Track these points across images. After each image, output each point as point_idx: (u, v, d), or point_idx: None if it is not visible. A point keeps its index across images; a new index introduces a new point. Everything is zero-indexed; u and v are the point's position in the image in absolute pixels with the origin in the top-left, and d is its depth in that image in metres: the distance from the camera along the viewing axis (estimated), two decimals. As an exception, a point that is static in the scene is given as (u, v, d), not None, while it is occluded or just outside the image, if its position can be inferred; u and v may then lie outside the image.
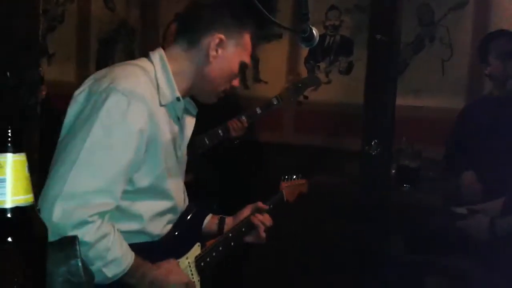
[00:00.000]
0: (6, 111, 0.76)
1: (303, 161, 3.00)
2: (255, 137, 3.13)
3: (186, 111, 1.65)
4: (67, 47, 4.28)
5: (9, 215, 0.70)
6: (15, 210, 0.70)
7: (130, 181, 1.41)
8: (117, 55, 4.71)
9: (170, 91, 1.51)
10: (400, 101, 3.05)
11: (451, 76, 3.70)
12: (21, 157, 0.72)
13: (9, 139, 0.70)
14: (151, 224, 1.49)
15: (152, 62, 1.53)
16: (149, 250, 1.48)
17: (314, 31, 1.48)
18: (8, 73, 0.76)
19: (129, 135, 1.37)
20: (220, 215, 1.86)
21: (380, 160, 2.62)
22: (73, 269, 0.85)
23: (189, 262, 1.61)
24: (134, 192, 1.43)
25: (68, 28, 4.29)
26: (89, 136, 1.32)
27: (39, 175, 1.11)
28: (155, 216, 1.50)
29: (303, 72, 4.21)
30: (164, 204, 1.52)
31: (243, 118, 2.75)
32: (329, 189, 2.79)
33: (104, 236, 1.30)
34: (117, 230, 1.38)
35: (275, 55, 4.23)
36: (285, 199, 2.09)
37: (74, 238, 0.89)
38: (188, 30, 1.57)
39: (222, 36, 1.53)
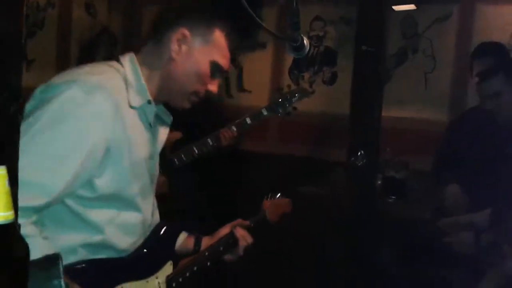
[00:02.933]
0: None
1: (287, 172, 2.97)
2: (240, 147, 3.09)
3: (159, 120, 1.57)
4: (47, 53, 4.19)
5: (-14, 235, 0.64)
6: (-7, 229, 0.64)
7: (91, 186, 1.32)
8: (98, 61, 4.63)
9: (141, 93, 1.43)
10: (382, 112, 3.05)
11: (434, 88, 3.72)
12: (0, 171, 0.66)
13: (-12, 151, 0.65)
14: (113, 236, 1.40)
15: (122, 64, 1.46)
16: (116, 267, 1.41)
17: (305, 41, 1.45)
18: (-13, 79, 0.70)
19: (79, 133, 1.28)
20: (197, 235, 1.78)
21: (366, 171, 2.59)
22: (55, 290, 0.79)
23: (159, 282, 1.53)
24: (95, 199, 1.34)
25: (48, 34, 4.19)
26: (35, 124, 1.24)
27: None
28: (118, 228, 1.40)
29: (287, 81, 4.19)
30: (130, 216, 1.43)
31: (233, 128, 2.72)
32: (314, 200, 2.75)
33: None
34: (46, 239, 1.26)
35: (259, 65, 4.21)
36: (267, 218, 2.01)
37: (57, 256, 0.83)
38: (155, 28, 1.51)
39: (186, 31, 1.45)
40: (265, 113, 2.78)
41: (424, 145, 3.36)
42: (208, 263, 1.68)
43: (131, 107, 1.40)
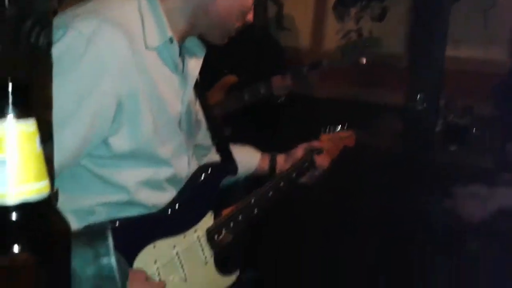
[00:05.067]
0: (6, 55, 0.51)
1: (336, 116, 2.74)
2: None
3: (190, 53, 1.37)
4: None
5: (13, 217, 0.45)
6: (22, 208, 0.45)
7: (106, 145, 1.17)
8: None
9: (159, 30, 1.22)
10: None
11: (493, 26, 3.38)
12: (28, 126, 0.47)
13: (11, 97, 0.46)
14: (140, 194, 1.24)
15: None
16: (145, 225, 1.26)
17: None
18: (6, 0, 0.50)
19: (81, 90, 1.09)
20: (271, 153, 1.70)
21: (425, 116, 2.36)
22: (105, 271, 0.62)
23: (198, 236, 1.36)
24: (112, 158, 1.18)
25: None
26: None
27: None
28: (144, 185, 1.25)
29: (331, 18, 3.89)
30: (157, 172, 1.26)
31: (288, 76, 2.51)
32: (367, 148, 2.53)
33: None
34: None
35: (300, 1, 3.92)
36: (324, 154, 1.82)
37: (105, 228, 0.66)
38: None
39: None
40: (325, 63, 2.55)
41: (482, 87, 3.09)
42: (255, 211, 1.51)
43: (148, 48, 1.20)
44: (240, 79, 2.72)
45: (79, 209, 1.17)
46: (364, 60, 2.50)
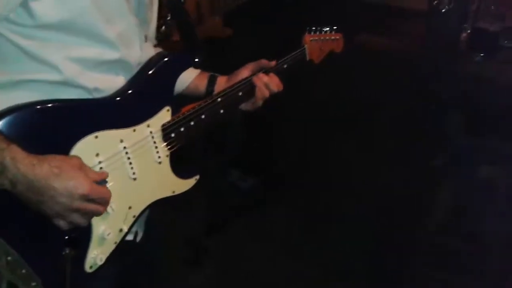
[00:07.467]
0: None
1: (350, 19, 2.42)
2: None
3: None
4: None
5: None
6: None
7: (27, 10, 0.99)
8: None
9: None
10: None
11: None
12: None
13: None
14: (77, 75, 1.07)
15: None
16: (87, 110, 1.09)
17: None
18: None
19: None
20: (211, 73, 1.41)
21: (451, 19, 2.07)
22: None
23: (151, 132, 1.20)
24: (38, 29, 1.01)
25: None
26: None
27: None
28: (80, 66, 1.07)
29: None
30: (98, 53, 1.09)
31: None
32: (384, 53, 2.27)
33: None
34: None
35: None
36: (307, 58, 1.58)
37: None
38: None
39: None
40: None
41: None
42: (222, 111, 1.32)
43: None
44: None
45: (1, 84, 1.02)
46: None
